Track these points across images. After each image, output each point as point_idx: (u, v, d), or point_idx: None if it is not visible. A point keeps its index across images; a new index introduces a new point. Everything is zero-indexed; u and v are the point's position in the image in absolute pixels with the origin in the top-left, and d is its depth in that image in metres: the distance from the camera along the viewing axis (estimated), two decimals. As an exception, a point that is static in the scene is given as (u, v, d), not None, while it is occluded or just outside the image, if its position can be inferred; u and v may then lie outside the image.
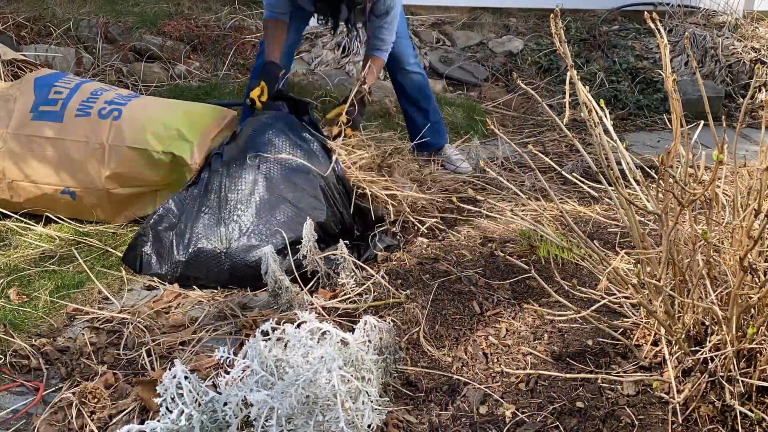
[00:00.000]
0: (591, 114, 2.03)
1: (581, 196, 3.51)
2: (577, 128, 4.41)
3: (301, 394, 1.59)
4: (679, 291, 2.04)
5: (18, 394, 2.08)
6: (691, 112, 3.44)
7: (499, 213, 3.10)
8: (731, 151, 2.11)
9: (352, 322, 2.33)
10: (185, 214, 2.74)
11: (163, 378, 1.65)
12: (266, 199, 2.72)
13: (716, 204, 2.02)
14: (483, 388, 2.10)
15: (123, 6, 5.35)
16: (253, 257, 2.59)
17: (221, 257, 2.63)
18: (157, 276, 2.69)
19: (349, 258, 2.57)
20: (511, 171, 3.94)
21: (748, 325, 1.90)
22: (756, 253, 1.88)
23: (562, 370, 2.16)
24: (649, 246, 2.14)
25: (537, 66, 5.50)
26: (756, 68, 2.03)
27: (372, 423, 1.71)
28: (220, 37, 5.14)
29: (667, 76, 1.91)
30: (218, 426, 1.66)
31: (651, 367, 2.13)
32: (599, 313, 2.17)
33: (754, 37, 5.60)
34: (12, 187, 2.97)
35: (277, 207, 2.71)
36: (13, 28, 4.70)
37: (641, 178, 2.10)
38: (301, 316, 1.77)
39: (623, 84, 5.16)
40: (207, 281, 2.65)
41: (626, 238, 2.92)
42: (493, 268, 2.75)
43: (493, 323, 2.42)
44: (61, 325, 2.39)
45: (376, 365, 1.94)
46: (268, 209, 2.71)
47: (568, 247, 2.36)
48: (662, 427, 1.93)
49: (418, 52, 5.32)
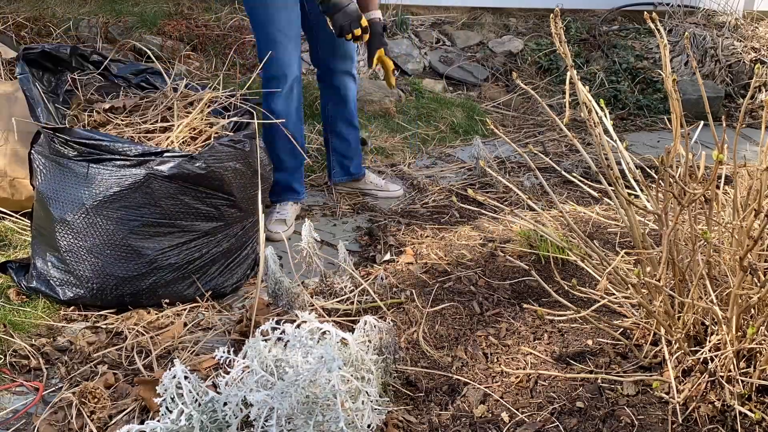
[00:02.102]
0: (591, 114, 2.04)
1: (581, 196, 3.51)
2: (577, 128, 4.42)
3: (301, 394, 1.59)
4: (679, 291, 2.04)
5: (18, 394, 2.08)
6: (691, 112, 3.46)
7: (500, 213, 3.10)
8: (731, 151, 2.10)
9: (352, 322, 2.33)
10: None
11: (163, 378, 1.65)
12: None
13: (716, 204, 2.02)
14: (483, 388, 2.10)
15: (123, 6, 5.35)
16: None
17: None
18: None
19: (348, 258, 2.58)
20: (511, 171, 3.95)
21: (748, 325, 1.90)
22: (756, 253, 1.88)
23: (562, 370, 2.16)
24: (649, 246, 2.14)
25: (537, 66, 5.51)
26: (756, 68, 2.03)
27: (372, 423, 1.71)
28: (220, 37, 5.14)
29: (667, 76, 1.91)
30: (218, 426, 1.66)
31: (651, 367, 2.13)
32: (599, 313, 2.18)
33: (754, 37, 5.61)
34: (13, 185, 2.99)
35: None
36: (13, 28, 4.70)
37: (641, 178, 2.10)
38: (301, 316, 1.77)
39: (623, 84, 5.16)
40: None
41: (626, 238, 2.92)
42: (493, 268, 2.75)
43: (493, 323, 2.42)
44: (61, 325, 2.39)
45: (376, 365, 1.94)
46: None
47: (568, 247, 2.36)
48: (662, 427, 1.93)
49: (419, 52, 5.32)
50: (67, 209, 2.38)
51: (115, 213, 2.37)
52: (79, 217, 2.37)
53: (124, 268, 2.41)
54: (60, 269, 2.43)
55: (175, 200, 2.41)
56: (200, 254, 2.50)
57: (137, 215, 2.38)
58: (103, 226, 2.38)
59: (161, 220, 2.41)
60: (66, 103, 2.68)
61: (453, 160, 4.08)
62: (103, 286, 2.41)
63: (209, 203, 2.48)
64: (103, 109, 2.63)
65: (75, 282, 2.42)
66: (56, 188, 2.41)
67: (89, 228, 2.38)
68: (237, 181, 2.52)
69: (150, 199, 2.37)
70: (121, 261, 2.40)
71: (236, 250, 2.63)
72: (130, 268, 2.41)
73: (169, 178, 2.37)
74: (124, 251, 2.40)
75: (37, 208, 2.51)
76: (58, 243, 2.41)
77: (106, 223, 2.37)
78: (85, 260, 2.40)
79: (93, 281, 2.41)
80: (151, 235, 2.41)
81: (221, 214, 2.52)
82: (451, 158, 4.10)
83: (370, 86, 4.76)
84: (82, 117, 2.60)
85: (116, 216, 2.37)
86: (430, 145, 4.24)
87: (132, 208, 2.37)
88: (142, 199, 2.37)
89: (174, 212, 2.42)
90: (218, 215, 2.51)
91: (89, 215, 2.37)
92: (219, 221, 2.52)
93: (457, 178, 3.82)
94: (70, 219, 2.38)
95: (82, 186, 2.37)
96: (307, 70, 5.17)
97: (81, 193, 2.37)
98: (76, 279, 2.42)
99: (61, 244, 2.40)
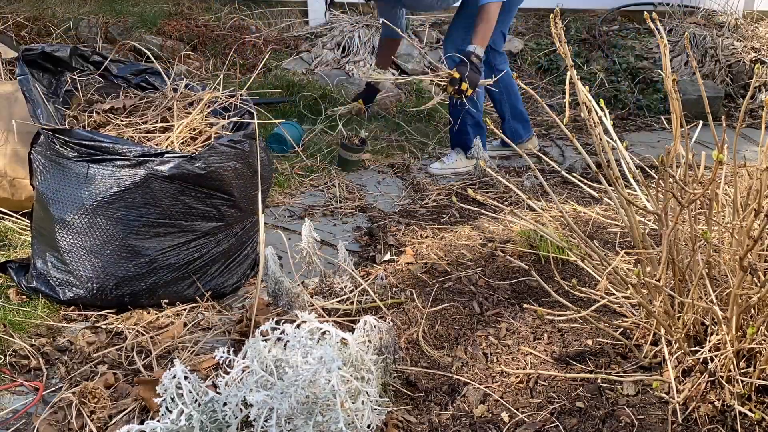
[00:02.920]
0: (591, 114, 2.04)
1: (581, 196, 3.51)
2: (577, 128, 4.42)
3: (301, 395, 1.59)
4: (679, 291, 2.04)
5: (18, 394, 2.08)
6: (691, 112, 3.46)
7: (500, 213, 3.10)
8: (731, 151, 2.11)
9: (352, 322, 2.33)
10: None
11: (163, 378, 1.65)
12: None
13: (716, 204, 2.02)
14: (483, 388, 2.10)
15: (123, 6, 5.35)
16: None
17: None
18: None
19: (348, 258, 2.57)
20: (511, 171, 3.95)
21: (748, 325, 1.90)
22: (756, 253, 1.88)
23: (562, 370, 2.16)
24: (649, 246, 2.14)
25: (537, 66, 5.51)
26: (756, 68, 2.03)
27: (372, 423, 1.71)
28: (220, 37, 5.14)
29: (667, 76, 1.91)
30: (218, 426, 1.66)
31: (651, 367, 2.13)
32: (599, 313, 2.18)
33: (754, 37, 5.61)
34: (14, 184, 2.99)
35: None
36: (13, 28, 4.71)
37: (641, 178, 2.10)
38: (301, 316, 1.77)
39: (623, 84, 5.16)
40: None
41: (626, 238, 2.92)
42: (493, 268, 2.75)
43: (493, 323, 2.42)
44: (61, 325, 2.39)
45: (376, 365, 1.94)
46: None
47: (568, 247, 2.36)
48: (662, 427, 1.93)
49: (419, 52, 5.32)
50: (67, 209, 2.38)
51: (115, 213, 2.37)
52: (79, 217, 2.37)
53: (124, 268, 2.41)
54: (60, 269, 2.43)
55: (175, 200, 2.41)
56: (200, 254, 2.50)
57: (137, 215, 2.38)
58: (103, 226, 2.38)
59: (161, 220, 2.41)
60: (66, 103, 2.68)
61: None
62: (103, 286, 2.41)
63: (209, 203, 2.48)
64: (102, 109, 2.63)
65: (75, 282, 2.42)
66: (56, 188, 2.41)
67: (89, 228, 2.38)
68: (237, 181, 2.52)
69: (150, 199, 2.37)
70: (121, 261, 2.40)
71: (236, 250, 2.63)
72: (130, 268, 2.41)
73: (169, 179, 2.37)
74: (124, 251, 2.40)
75: (37, 209, 2.51)
76: (58, 243, 2.41)
77: (106, 224, 2.37)
78: (85, 260, 2.40)
79: (93, 281, 2.41)
80: (151, 236, 2.41)
81: (221, 214, 2.52)
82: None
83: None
84: (82, 117, 2.60)
85: (116, 216, 2.37)
86: (430, 145, 4.24)
87: (132, 209, 2.37)
88: (142, 200, 2.37)
89: (174, 212, 2.42)
90: (218, 215, 2.51)
91: (89, 215, 2.37)
92: (219, 221, 2.52)
93: (457, 178, 3.82)
94: (70, 219, 2.38)
95: (82, 186, 2.37)
96: (308, 70, 5.17)
97: (81, 194, 2.37)
98: (76, 279, 2.42)
99: (61, 245, 2.40)
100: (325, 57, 5.24)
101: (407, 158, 4.05)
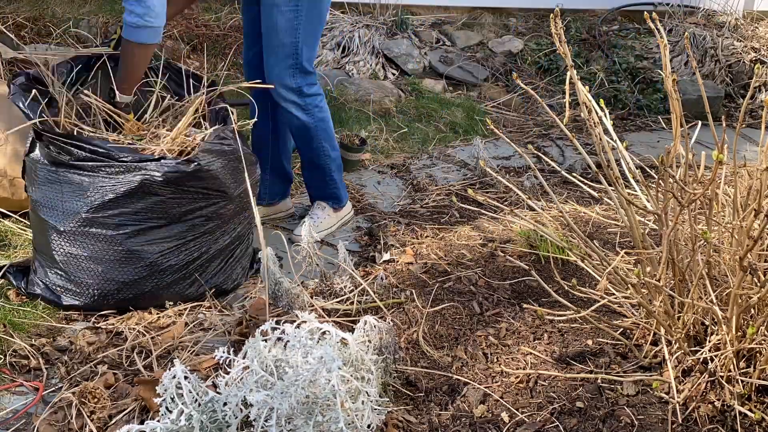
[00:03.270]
0: (591, 114, 2.04)
1: (581, 196, 3.51)
2: (577, 128, 4.42)
3: (301, 395, 1.59)
4: (679, 291, 2.04)
5: (18, 394, 2.08)
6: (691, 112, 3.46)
7: (500, 213, 3.10)
8: (731, 151, 2.10)
9: (352, 322, 2.33)
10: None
11: (163, 378, 1.65)
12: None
13: (716, 204, 2.02)
14: (483, 388, 2.10)
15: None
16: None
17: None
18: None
19: (348, 258, 2.57)
20: (511, 171, 3.95)
21: (748, 325, 1.90)
22: (756, 253, 1.88)
23: (562, 370, 2.16)
24: (649, 246, 2.14)
25: (537, 66, 5.50)
26: (756, 68, 2.03)
27: (372, 423, 1.71)
28: (220, 37, 5.14)
29: (667, 76, 1.91)
30: (218, 426, 1.66)
31: (651, 367, 2.13)
32: (599, 313, 2.17)
33: (754, 37, 5.61)
34: (14, 184, 2.99)
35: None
36: (12, 28, 4.70)
37: (641, 178, 2.10)
38: (301, 316, 1.77)
39: (623, 84, 5.16)
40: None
41: (626, 238, 2.92)
42: (493, 268, 2.75)
43: (493, 323, 2.42)
44: (61, 325, 2.39)
45: (376, 365, 1.94)
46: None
47: (568, 247, 2.36)
48: (662, 427, 1.93)
49: (419, 52, 5.31)
50: (64, 218, 2.38)
51: (112, 219, 2.37)
52: (76, 225, 2.37)
53: (124, 272, 2.41)
54: (60, 277, 2.43)
55: (171, 202, 2.41)
56: (200, 253, 2.50)
57: (134, 220, 2.38)
58: (101, 232, 2.38)
59: (159, 222, 2.41)
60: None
61: (453, 159, 4.08)
62: (104, 292, 2.42)
63: (205, 202, 2.48)
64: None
65: (75, 289, 2.42)
66: (51, 197, 2.41)
67: (87, 236, 2.38)
68: (228, 177, 2.52)
69: (146, 203, 2.37)
70: (121, 266, 2.40)
71: (235, 246, 2.63)
72: (131, 272, 2.41)
73: (164, 182, 2.37)
74: (123, 256, 2.40)
75: (33, 217, 2.51)
76: (56, 251, 2.40)
77: (103, 230, 2.38)
78: (84, 267, 2.40)
79: (94, 288, 2.41)
80: (149, 239, 2.41)
81: (217, 211, 2.52)
82: (451, 158, 4.10)
83: (370, 86, 4.76)
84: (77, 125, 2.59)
85: (114, 222, 2.37)
86: (430, 145, 4.24)
87: (129, 214, 2.37)
88: (139, 204, 2.37)
89: (171, 214, 2.42)
90: (215, 213, 2.51)
91: (86, 223, 2.37)
92: (216, 219, 2.52)
93: (457, 178, 3.81)
94: (67, 228, 2.38)
95: (77, 194, 2.37)
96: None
97: (77, 202, 2.37)
98: (76, 286, 2.42)
99: (60, 252, 2.40)
100: (325, 57, 5.24)
101: (407, 158, 4.05)
